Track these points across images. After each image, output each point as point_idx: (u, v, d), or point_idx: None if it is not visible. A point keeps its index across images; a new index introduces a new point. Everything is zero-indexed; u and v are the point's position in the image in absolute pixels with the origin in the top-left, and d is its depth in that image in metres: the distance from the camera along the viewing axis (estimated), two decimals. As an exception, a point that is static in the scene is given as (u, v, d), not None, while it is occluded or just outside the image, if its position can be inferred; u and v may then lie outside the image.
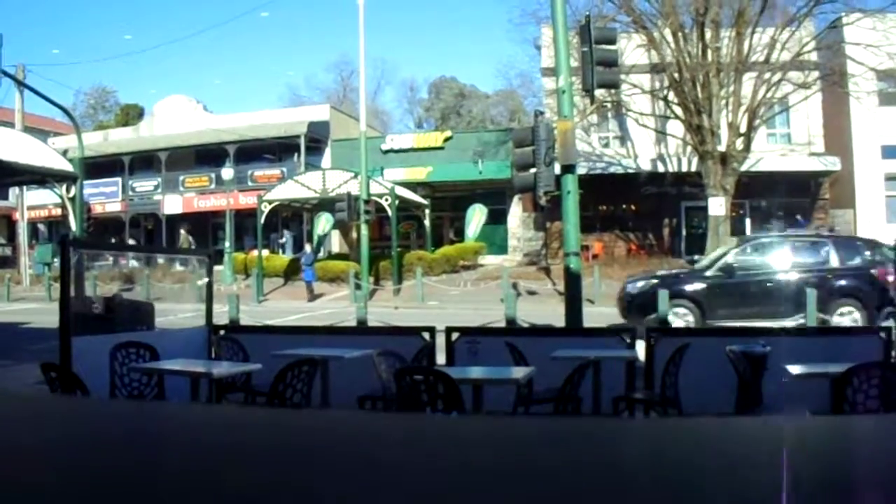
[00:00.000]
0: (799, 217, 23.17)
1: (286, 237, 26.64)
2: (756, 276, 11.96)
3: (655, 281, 12.38)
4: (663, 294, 10.86)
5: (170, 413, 1.22)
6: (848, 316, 11.43)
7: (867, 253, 12.23)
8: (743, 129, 20.34)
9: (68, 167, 14.09)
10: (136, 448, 0.87)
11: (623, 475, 0.78)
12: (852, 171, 22.74)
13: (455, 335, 6.05)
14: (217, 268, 16.98)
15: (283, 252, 25.75)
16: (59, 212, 25.70)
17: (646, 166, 23.38)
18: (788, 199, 23.37)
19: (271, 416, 1.19)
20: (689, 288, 11.83)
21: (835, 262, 12.01)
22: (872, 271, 11.73)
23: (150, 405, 2.48)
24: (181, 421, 1.09)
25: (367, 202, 20.12)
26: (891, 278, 11.64)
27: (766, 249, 12.60)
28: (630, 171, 23.46)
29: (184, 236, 28.36)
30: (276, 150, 28.56)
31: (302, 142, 27.22)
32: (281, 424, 1.06)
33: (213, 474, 0.77)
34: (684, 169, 22.47)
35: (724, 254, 12.68)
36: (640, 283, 12.65)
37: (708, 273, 12.19)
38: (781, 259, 12.22)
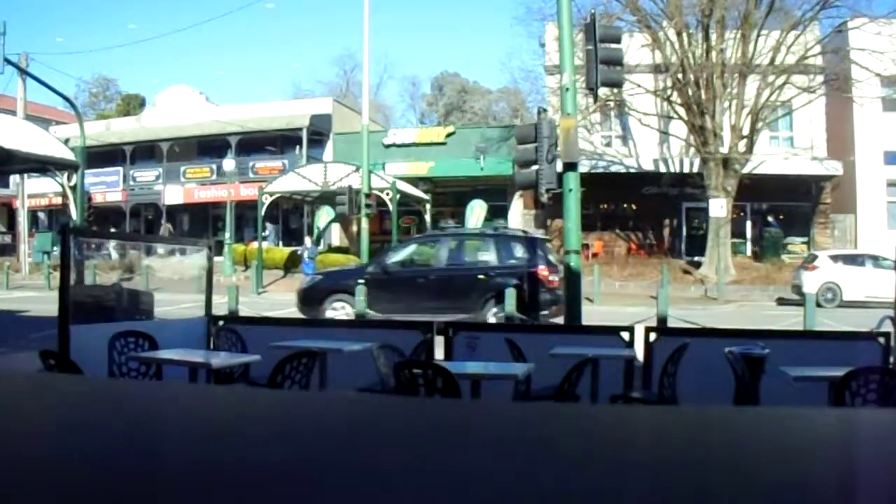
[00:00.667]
0: (770, 219, 23.16)
1: (269, 230, 26.58)
2: (410, 274, 12.23)
3: (320, 277, 13.27)
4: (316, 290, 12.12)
5: (168, 392, 1.22)
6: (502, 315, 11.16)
7: (528, 251, 12.02)
8: (745, 131, 20.33)
9: (70, 156, 14.07)
10: (131, 427, 0.87)
11: (622, 456, 0.78)
12: (854, 176, 22.71)
13: (453, 330, 6.06)
14: (217, 259, 16.95)
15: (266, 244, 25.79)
16: (59, 200, 25.68)
17: (647, 166, 23.35)
18: (790, 202, 23.38)
19: (271, 398, 1.19)
20: (348, 283, 12.00)
21: (494, 259, 12.04)
22: (532, 269, 11.58)
23: (148, 384, 2.47)
24: (179, 399, 1.09)
25: (368, 196, 20.10)
26: (553, 277, 11.50)
27: (427, 247, 12.94)
28: (632, 170, 23.45)
29: (164, 227, 28.38)
30: (278, 142, 28.53)
31: (304, 134, 27.18)
32: (279, 404, 1.06)
33: (210, 452, 0.77)
34: (686, 170, 22.45)
35: (388, 251, 13.21)
36: (309, 278, 13.40)
37: (368, 269, 12.52)
38: (440, 257, 12.36)
